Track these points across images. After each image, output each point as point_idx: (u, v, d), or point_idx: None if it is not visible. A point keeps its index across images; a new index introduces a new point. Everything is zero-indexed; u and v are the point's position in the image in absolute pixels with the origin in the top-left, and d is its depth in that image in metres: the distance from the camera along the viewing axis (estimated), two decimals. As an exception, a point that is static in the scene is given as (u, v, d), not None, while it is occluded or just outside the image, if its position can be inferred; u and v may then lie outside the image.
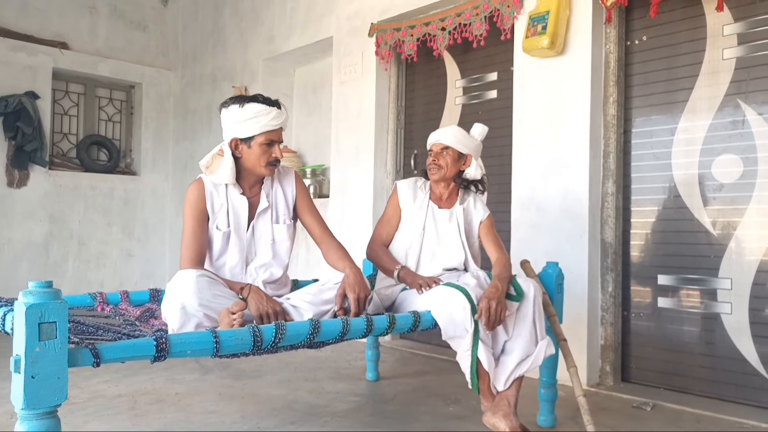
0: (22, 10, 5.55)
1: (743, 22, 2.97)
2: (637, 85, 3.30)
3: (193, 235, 2.22)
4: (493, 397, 2.27)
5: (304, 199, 2.45)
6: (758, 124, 2.90)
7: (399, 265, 2.51)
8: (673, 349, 3.13)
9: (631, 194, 3.30)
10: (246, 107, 2.22)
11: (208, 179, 2.30)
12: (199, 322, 1.95)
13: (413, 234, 2.57)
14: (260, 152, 2.25)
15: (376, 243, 2.62)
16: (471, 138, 2.60)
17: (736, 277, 2.94)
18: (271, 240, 2.35)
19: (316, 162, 5.25)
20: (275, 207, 2.38)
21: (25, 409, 1.35)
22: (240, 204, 2.31)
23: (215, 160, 2.28)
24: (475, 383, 2.23)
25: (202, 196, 2.26)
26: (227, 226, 2.29)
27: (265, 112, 2.22)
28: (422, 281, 2.36)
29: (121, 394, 2.94)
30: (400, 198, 2.63)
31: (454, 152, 2.56)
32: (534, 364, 2.30)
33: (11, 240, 5.41)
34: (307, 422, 2.59)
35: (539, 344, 2.31)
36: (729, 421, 2.69)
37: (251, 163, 2.27)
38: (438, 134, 2.62)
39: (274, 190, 2.40)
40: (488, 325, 2.17)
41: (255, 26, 5.46)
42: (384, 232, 2.63)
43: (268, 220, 2.36)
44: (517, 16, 3.50)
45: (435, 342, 4.04)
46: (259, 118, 2.21)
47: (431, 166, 2.59)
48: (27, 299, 1.35)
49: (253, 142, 2.24)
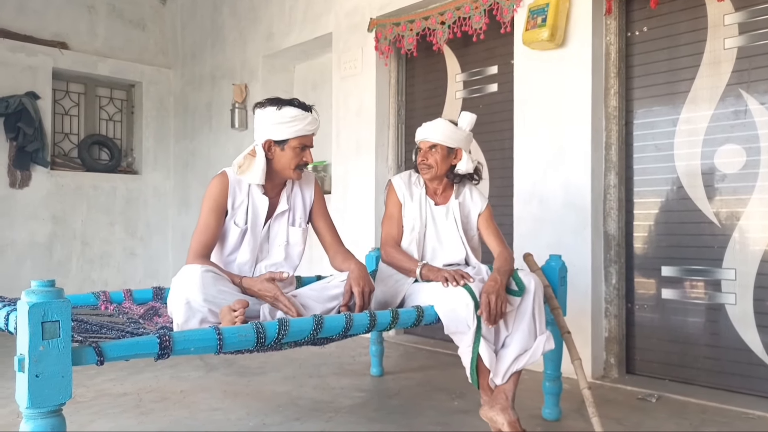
0: (21, 11, 5.54)
1: (744, 11, 2.95)
2: (639, 77, 3.29)
3: (206, 227, 2.24)
4: (492, 391, 2.25)
5: (320, 204, 2.49)
6: (761, 113, 2.89)
7: (420, 262, 2.43)
8: (678, 341, 3.12)
9: (634, 186, 3.29)
10: (283, 110, 2.24)
11: (233, 174, 2.31)
12: (203, 317, 1.96)
13: (413, 232, 2.55)
14: (293, 155, 2.29)
15: (390, 244, 2.54)
16: (459, 130, 2.53)
17: (740, 268, 2.93)
18: (286, 242, 2.38)
19: (318, 158, 5.23)
20: (293, 210, 2.42)
21: (30, 408, 1.36)
22: (261, 203, 2.34)
23: (247, 160, 2.29)
24: (475, 378, 2.22)
25: (225, 191, 2.28)
26: (245, 223, 2.31)
27: (302, 116, 2.25)
28: (448, 275, 2.28)
29: (126, 392, 2.95)
30: (398, 194, 2.59)
31: (443, 149, 2.51)
32: (532, 358, 2.28)
33: (14, 240, 5.42)
34: (312, 418, 2.59)
35: (538, 339, 2.29)
36: (734, 412, 2.69)
37: (282, 166, 2.30)
38: (424, 131, 2.54)
39: (294, 194, 2.44)
40: (489, 319, 2.15)
41: (254, 24, 5.45)
42: (394, 230, 2.56)
43: (285, 222, 2.39)
44: (517, 8, 3.49)
45: (439, 337, 4.04)
46: (295, 122, 2.25)
47: (421, 165, 2.54)
48: (30, 298, 1.35)
49: (287, 145, 2.27)
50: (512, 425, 2.14)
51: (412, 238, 2.54)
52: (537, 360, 2.31)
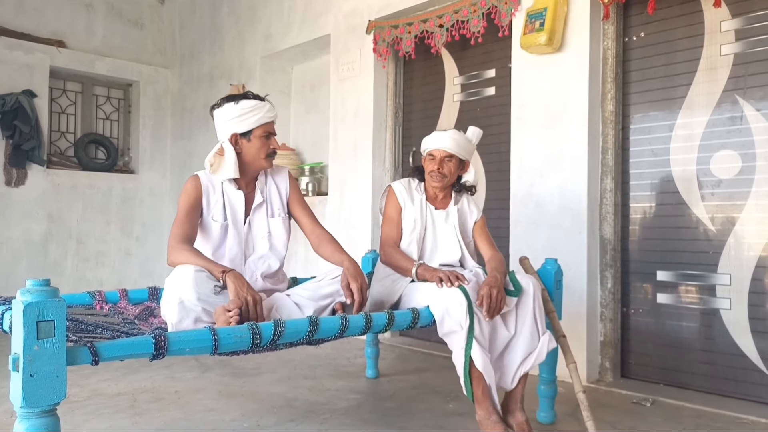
0: (19, 9, 5.53)
1: (741, 17, 2.96)
2: (635, 82, 3.30)
3: (185, 217, 2.27)
4: (488, 403, 2.19)
5: (295, 194, 2.53)
6: (756, 119, 2.90)
7: (416, 262, 2.44)
8: (673, 345, 3.13)
9: (630, 190, 3.30)
10: (241, 103, 2.32)
11: (205, 176, 2.36)
12: (197, 317, 1.95)
13: (414, 232, 2.57)
14: (260, 144, 2.35)
15: (389, 245, 2.56)
16: (469, 142, 2.60)
17: (735, 273, 2.94)
18: (268, 233, 2.41)
19: (315, 159, 5.25)
20: (270, 201, 2.46)
21: (24, 407, 1.35)
22: (236, 199, 2.38)
23: (216, 158, 2.34)
24: (469, 388, 2.18)
25: (198, 191, 2.33)
26: (224, 219, 2.35)
27: (260, 106, 2.34)
28: (443, 275, 2.28)
29: (120, 393, 2.94)
30: (398, 198, 2.61)
31: (457, 160, 2.57)
32: (538, 359, 2.31)
33: (9, 239, 5.40)
34: (307, 420, 2.59)
35: (541, 339, 2.32)
36: (729, 417, 2.69)
37: (252, 156, 2.36)
38: (440, 140, 2.55)
39: (269, 186, 2.48)
40: (489, 312, 2.17)
41: (252, 24, 5.45)
42: (393, 232, 2.59)
43: (264, 215, 2.43)
44: (515, 12, 3.50)
45: (434, 339, 4.04)
46: (255, 111, 2.32)
47: (434, 174, 2.55)
48: (25, 297, 1.35)
49: (252, 135, 2.34)
50: (521, 426, 2.23)
51: (412, 239, 2.57)
52: (543, 360, 2.34)
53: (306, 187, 4.97)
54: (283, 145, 5.28)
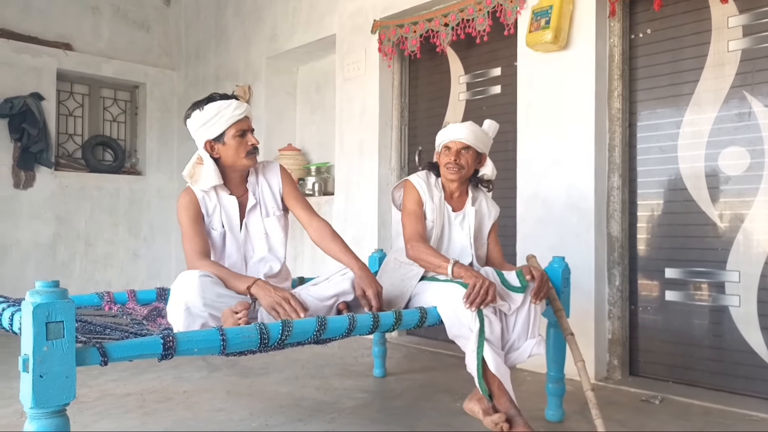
0: (25, 12, 5.56)
1: (748, 13, 2.94)
2: (642, 79, 3.28)
3: (193, 231, 2.24)
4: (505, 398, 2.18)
5: (290, 189, 2.46)
6: (764, 115, 2.88)
7: (451, 260, 2.32)
8: (682, 343, 3.12)
9: (637, 188, 3.29)
10: (206, 108, 2.26)
11: (195, 187, 2.33)
12: (204, 323, 1.95)
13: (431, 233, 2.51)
14: (236, 144, 2.28)
15: (416, 239, 2.43)
16: (486, 135, 2.57)
17: (744, 270, 2.92)
18: (264, 234, 2.39)
19: (321, 160, 5.25)
20: (262, 202, 2.41)
21: (34, 408, 1.36)
22: (230, 204, 2.36)
23: (196, 168, 2.31)
24: (484, 388, 2.18)
25: (195, 202, 2.30)
26: (222, 227, 2.33)
27: (225, 105, 2.26)
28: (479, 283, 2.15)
29: (129, 393, 2.95)
30: (419, 191, 2.52)
31: (474, 152, 2.52)
32: (518, 359, 2.30)
33: (18, 241, 5.43)
34: (315, 419, 2.60)
35: (527, 341, 2.29)
36: (738, 414, 2.68)
37: (231, 159, 2.30)
38: (457, 132, 2.50)
39: (260, 186, 2.43)
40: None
41: (257, 25, 5.46)
42: (419, 226, 2.47)
43: (259, 216, 2.40)
44: (520, 10, 3.49)
45: (442, 338, 4.03)
46: (222, 113, 2.25)
47: (451, 165, 2.49)
48: (34, 299, 1.36)
49: (225, 137, 2.27)
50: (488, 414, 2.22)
51: (427, 239, 2.51)
52: (522, 361, 2.31)
53: (312, 187, 4.98)
54: (289, 146, 5.29)
